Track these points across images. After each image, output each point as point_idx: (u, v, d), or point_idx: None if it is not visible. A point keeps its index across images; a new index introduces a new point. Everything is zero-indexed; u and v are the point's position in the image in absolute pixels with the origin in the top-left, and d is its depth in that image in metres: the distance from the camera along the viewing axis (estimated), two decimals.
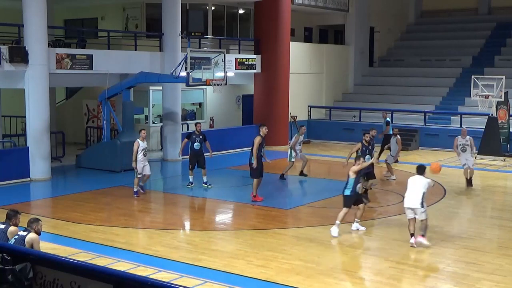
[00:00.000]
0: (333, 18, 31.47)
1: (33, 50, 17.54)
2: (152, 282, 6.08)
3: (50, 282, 6.73)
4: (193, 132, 17.34)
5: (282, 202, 16.02)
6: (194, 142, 16.85)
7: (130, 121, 20.22)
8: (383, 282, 9.87)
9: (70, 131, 24.59)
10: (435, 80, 29.90)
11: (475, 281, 9.91)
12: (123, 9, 25.97)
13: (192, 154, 16.90)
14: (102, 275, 6.39)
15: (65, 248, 11.31)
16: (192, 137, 16.97)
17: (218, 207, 15.56)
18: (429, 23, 35.77)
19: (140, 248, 11.56)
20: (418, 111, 26.89)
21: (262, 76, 25.74)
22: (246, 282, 9.82)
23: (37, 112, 17.88)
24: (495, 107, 22.81)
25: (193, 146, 16.84)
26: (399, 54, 33.73)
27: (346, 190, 12.57)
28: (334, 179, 18.49)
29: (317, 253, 11.33)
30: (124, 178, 18.51)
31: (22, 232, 8.76)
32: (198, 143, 16.85)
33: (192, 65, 18.61)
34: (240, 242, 12.12)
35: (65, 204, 15.31)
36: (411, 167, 20.89)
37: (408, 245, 11.76)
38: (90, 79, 20.74)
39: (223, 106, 26.78)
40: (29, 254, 7.14)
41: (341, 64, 30.91)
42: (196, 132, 17.06)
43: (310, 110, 28.79)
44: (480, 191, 17.68)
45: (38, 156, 17.87)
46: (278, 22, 25.33)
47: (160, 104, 22.68)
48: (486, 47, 31.74)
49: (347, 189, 12.55)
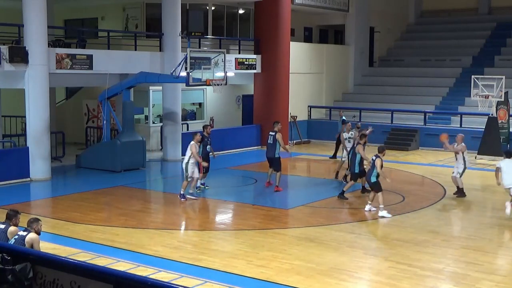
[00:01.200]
0: (333, 18, 31.46)
1: (33, 50, 17.54)
2: (152, 282, 6.08)
3: (50, 282, 6.72)
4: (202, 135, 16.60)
5: (282, 202, 16.02)
6: (207, 145, 16.50)
7: (130, 121, 20.21)
8: (383, 282, 9.87)
9: (70, 131, 24.59)
10: (435, 80, 29.90)
11: (475, 281, 9.92)
12: (123, 9, 25.97)
13: (205, 157, 16.43)
14: (102, 275, 6.39)
15: (65, 248, 11.31)
16: (204, 140, 16.40)
17: (218, 207, 15.57)
18: (429, 23, 35.78)
19: (140, 248, 11.56)
20: (418, 111, 26.89)
21: (262, 76, 25.74)
22: (246, 282, 9.82)
23: (37, 112, 17.88)
24: (495, 107, 22.82)
25: (205, 149, 16.46)
26: (399, 54, 33.73)
27: (372, 178, 14.13)
28: (334, 179, 18.48)
29: (317, 253, 11.33)
30: (124, 178, 18.53)
31: (22, 232, 8.76)
32: (209, 146, 16.60)
33: (192, 65, 18.61)
34: (240, 242, 12.12)
35: (65, 204, 15.31)
36: (411, 167, 20.97)
37: (408, 245, 11.80)
38: (90, 79, 20.74)
39: (223, 106, 26.78)
40: (29, 254, 7.14)
41: (341, 64, 30.91)
42: (205, 134, 16.63)
43: (310, 110, 28.79)
44: (480, 191, 17.68)
45: (38, 156, 17.87)
46: (278, 22, 25.32)
47: (160, 104, 22.68)
48: (486, 47, 31.74)
49: (372, 177, 14.09)
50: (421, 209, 14.90)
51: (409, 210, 14.75)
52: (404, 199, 15.94)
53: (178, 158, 21.91)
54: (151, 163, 21.34)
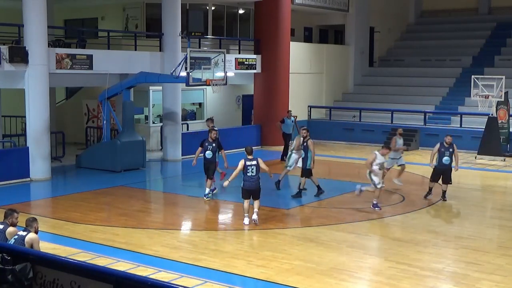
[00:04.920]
0: (333, 18, 31.46)
1: (33, 50, 17.53)
2: (152, 282, 6.08)
3: (50, 282, 6.72)
4: (205, 139, 15.73)
5: (282, 202, 16.01)
6: (206, 150, 15.52)
7: (130, 121, 20.21)
8: (383, 282, 9.86)
9: (70, 131, 24.58)
10: (435, 80, 29.90)
11: (475, 281, 9.91)
12: (123, 9, 25.97)
13: (204, 163, 15.69)
14: (102, 275, 6.39)
15: (65, 248, 11.30)
16: (204, 144, 15.58)
17: (218, 207, 15.56)
18: (429, 23, 35.79)
19: (140, 248, 11.56)
20: (418, 111, 26.89)
21: (262, 76, 25.73)
22: (246, 282, 9.82)
23: (37, 112, 17.87)
24: (495, 107, 22.81)
25: (204, 155, 15.58)
26: (399, 54, 33.73)
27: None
28: (334, 179, 18.50)
29: (317, 253, 11.33)
30: (124, 178, 18.53)
31: (21, 232, 8.75)
32: (210, 152, 15.52)
33: (192, 65, 18.61)
34: (240, 242, 12.12)
35: (65, 204, 15.31)
36: (411, 167, 20.95)
37: (408, 245, 11.80)
38: (90, 79, 20.74)
39: (223, 106, 26.78)
40: (29, 254, 7.14)
41: (341, 64, 30.90)
42: (209, 139, 15.57)
43: (310, 110, 28.79)
44: (480, 191, 17.68)
45: (38, 156, 17.86)
46: (278, 22, 25.33)
47: (160, 104, 22.68)
48: (486, 47, 31.74)
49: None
50: (421, 209, 14.91)
51: (409, 210, 14.75)
52: (404, 199, 15.93)
53: (178, 158, 21.93)
54: (151, 163, 21.33)
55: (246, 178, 13.06)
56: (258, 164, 13.08)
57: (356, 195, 14.99)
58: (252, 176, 13.01)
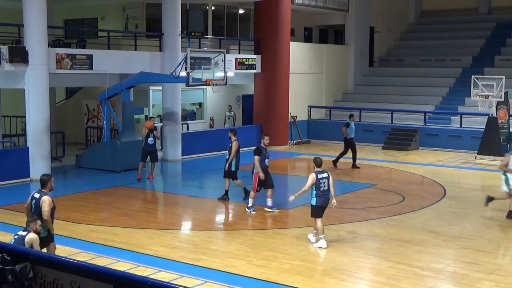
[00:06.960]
0: (333, 18, 31.45)
1: (33, 50, 17.54)
2: (152, 282, 6.07)
3: (50, 282, 6.72)
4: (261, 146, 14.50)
5: (282, 202, 16.01)
6: (265, 158, 14.28)
7: (130, 121, 20.21)
8: (383, 282, 9.87)
9: (70, 131, 24.59)
10: (435, 80, 29.90)
11: (475, 281, 9.92)
12: (123, 9, 25.98)
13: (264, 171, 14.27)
14: (102, 275, 6.38)
15: (65, 248, 11.29)
16: (262, 152, 14.25)
17: (218, 207, 15.56)
18: (429, 23, 35.78)
19: (140, 248, 11.56)
20: (418, 111, 26.89)
21: (262, 76, 25.74)
22: (246, 282, 9.82)
23: (37, 112, 17.87)
24: (495, 107, 22.81)
25: (264, 163, 14.26)
26: (399, 54, 33.73)
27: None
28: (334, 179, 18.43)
29: (317, 253, 11.33)
30: (124, 178, 18.53)
31: (21, 232, 8.75)
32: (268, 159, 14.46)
33: (192, 65, 18.61)
34: (240, 242, 12.12)
35: (65, 204, 15.28)
36: (411, 167, 20.96)
37: (408, 245, 11.80)
38: (90, 79, 20.74)
39: (223, 106, 26.78)
40: (29, 254, 7.13)
41: (341, 64, 30.90)
42: (263, 145, 14.45)
43: (310, 110, 28.79)
44: (480, 191, 17.68)
45: (38, 156, 17.87)
46: (278, 22, 25.33)
47: (160, 104, 22.68)
48: (486, 47, 31.74)
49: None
50: (421, 209, 14.91)
51: (409, 210, 14.75)
52: (404, 199, 15.94)
53: (178, 158, 21.94)
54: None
55: (319, 194, 11.66)
56: (329, 176, 11.88)
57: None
58: (324, 190, 11.71)
